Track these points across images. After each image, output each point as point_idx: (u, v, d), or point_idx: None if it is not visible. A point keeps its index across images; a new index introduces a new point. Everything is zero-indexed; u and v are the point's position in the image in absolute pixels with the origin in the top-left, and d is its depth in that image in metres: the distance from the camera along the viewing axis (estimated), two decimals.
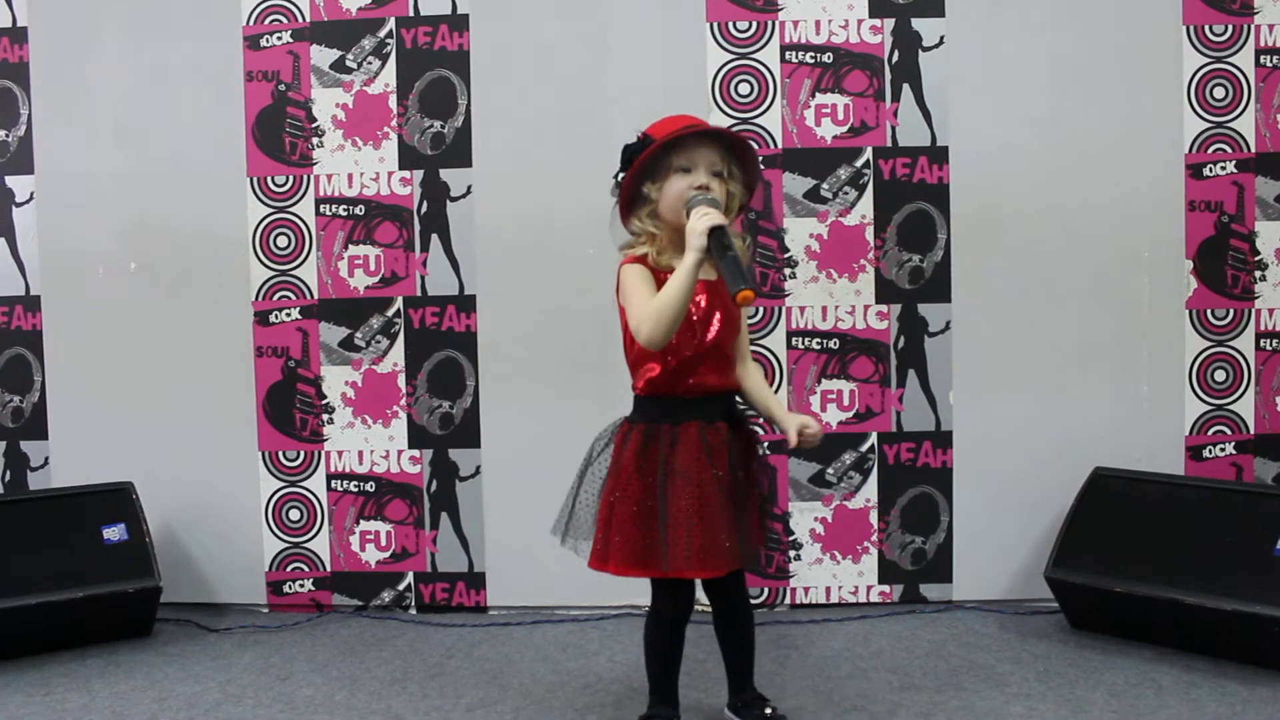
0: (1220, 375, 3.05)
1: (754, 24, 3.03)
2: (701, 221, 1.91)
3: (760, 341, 3.04)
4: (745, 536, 2.02)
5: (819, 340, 3.05)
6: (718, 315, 2.05)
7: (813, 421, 2.06)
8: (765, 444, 2.19)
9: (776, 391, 3.05)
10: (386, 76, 3.10)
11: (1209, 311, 3.04)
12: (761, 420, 2.21)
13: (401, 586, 3.14)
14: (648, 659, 2.15)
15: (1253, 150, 3.01)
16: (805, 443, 2.04)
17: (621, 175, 2.06)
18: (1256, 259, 3.03)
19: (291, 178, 3.12)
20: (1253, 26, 2.99)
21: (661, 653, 2.13)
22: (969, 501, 3.05)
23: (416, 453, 3.13)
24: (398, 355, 3.12)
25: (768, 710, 2.16)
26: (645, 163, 2.02)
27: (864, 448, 3.06)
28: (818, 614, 3.00)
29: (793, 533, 3.06)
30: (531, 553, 3.08)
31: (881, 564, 3.08)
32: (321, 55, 3.10)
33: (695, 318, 2.03)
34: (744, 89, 3.04)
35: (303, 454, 3.15)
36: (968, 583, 3.06)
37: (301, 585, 3.16)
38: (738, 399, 2.14)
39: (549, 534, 2.19)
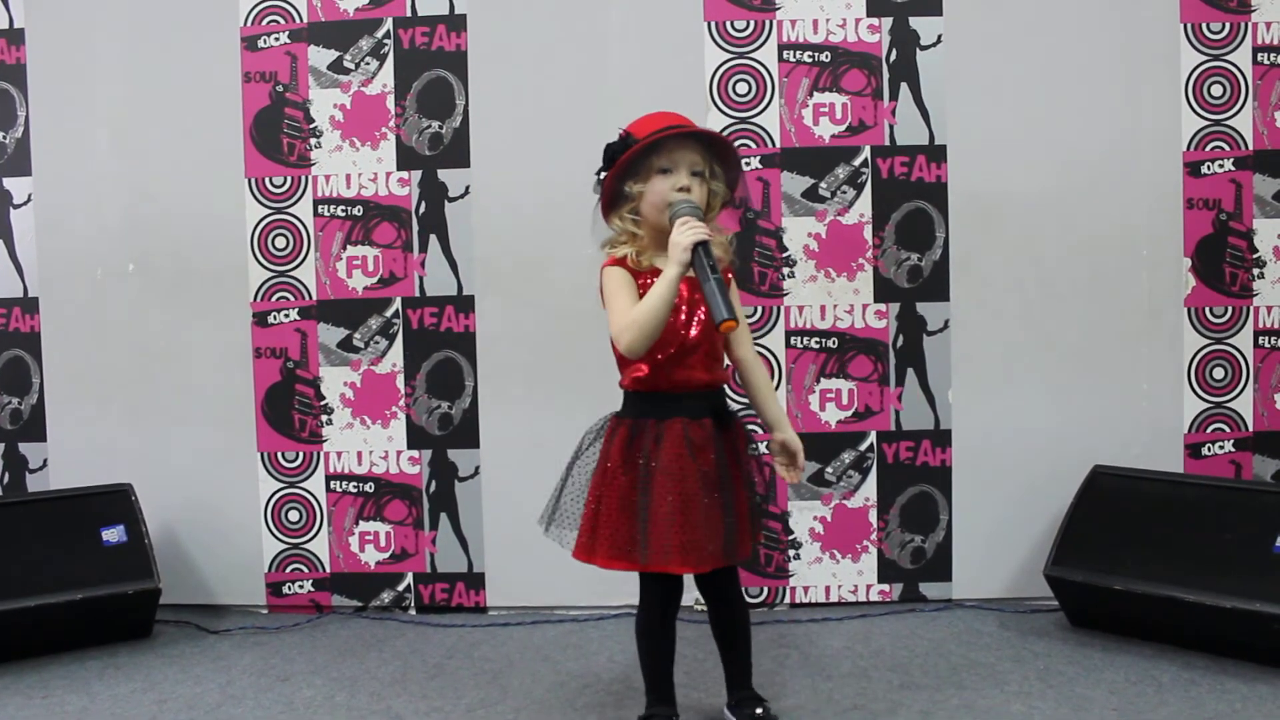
0: (1219, 373, 3.05)
1: (752, 23, 3.03)
2: (686, 236, 1.92)
3: (759, 341, 3.04)
4: (731, 533, 2.02)
5: (818, 339, 3.05)
6: (701, 313, 2.05)
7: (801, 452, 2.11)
8: (758, 443, 2.19)
9: (775, 391, 3.04)
10: (384, 77, 3.09)
11: (1207, 309, 3.04)
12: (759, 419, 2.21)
13: (401, 587, 3.14)
14: (640, 655, 2.16)
15: (1251, 148, 3.01)
16: (789, 467, 2.11)
17: (603, 174, 2.06)
18: (1255, 256, 3.04)
19: (289, 178, 3.12)
20: (1250, 24, 2.99)
21: (652, 648, 2.14)
22: (968, 500, 3.05)
23: (415, 453, 3.13)
24: (396, 356, 3.12)
25: (758, 710, 2.16)
26: (626, 162, 2.02)
27: (863, 447, 3.06)
28: (817, 613, 3.00)
29: (792, 532, 3.07)
30: (531, 553, 3.07)
31: (881, 563, 3.08)
32: (319, 56, 3.10)
33: (680, 316, 2.04)
34: (742, 88, 3.04)
35: (302, 455, 3.15)
36: (967, 581, 3.06)
37: (301, 586, 3.16)
38: (733, 395, 2.15)
39: (543, 531, 2.19)
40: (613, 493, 2.03)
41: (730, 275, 2.10)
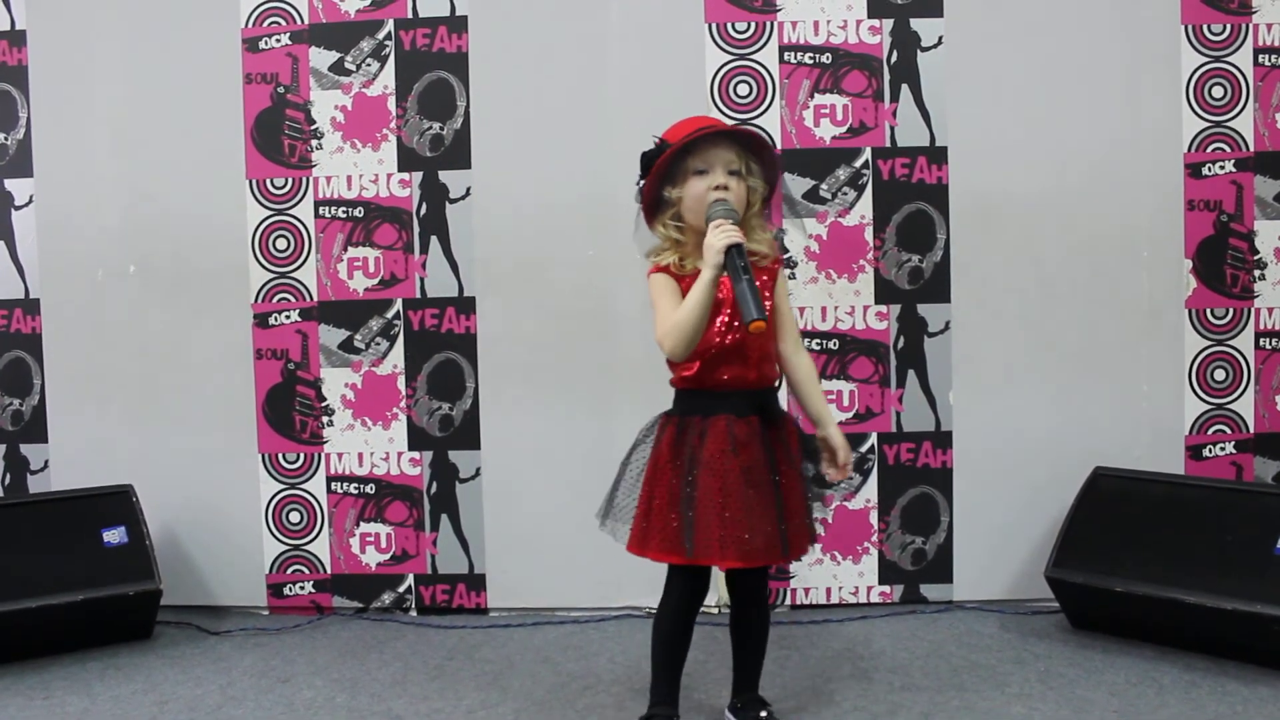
0: (1220, 374, 3.05)
1: (753, 25, 3.03)
2: (719, 239, 1.94)
3: None
4: (779, 531, 2.03)
5: (819, 341, 3.05)
6: (740, 318, 2.05)
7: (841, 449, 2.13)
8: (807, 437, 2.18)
9: (778, 389, 3.05)
10: (385, 78, 3.10)
11: (1208, 311, 3.04)
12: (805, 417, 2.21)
13: (402, 588, 3.14)
14: (654, 650, 2.16)
15: (1251, 149, 3.01)
16: (831, 464, 2.12)
17: (642, 182, 2.08)
18: (1256, 258, 3.03)
19: (290, 180, 3.12)
20: (1251, 26, 2.99)
21: (669, 642, 2.14)
22: (969, 501, 3.05)
23: (416, 455, 3.13)
24: (397, 357, 3.12)
25: (763, 714, 2.16)
26: (663, 168, 2.04)
27: (864, 448, 3.06)
28: (818, 614, 3.00)
29: None
30: (532, 554, 3.09)
31: (882, 564, 3.08)
32: (320, 57, 3.10)
33: (724, 317, 2.05)
34: (743, 90, 3.04)
35: (303, 456, 3.15)
36: (968, 583, 3.06)
37: (302, 587, 3.16)
38: (782, 392, 2.16)
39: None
40: (663, 488, 2.05)
41: (779, 265, 2.14)
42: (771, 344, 2.12)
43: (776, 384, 2.15)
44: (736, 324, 2.04)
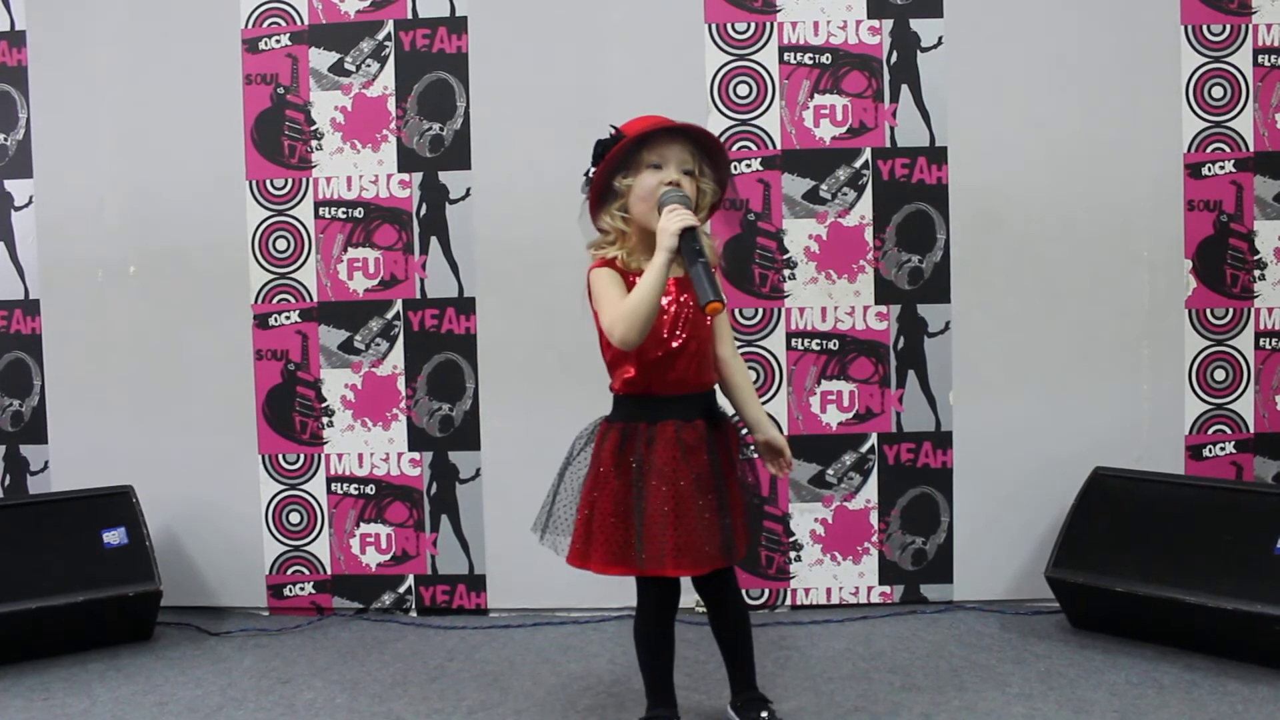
0: (1220, 374, 3.05)
1: (752, 25, 3.03)
2: (673, 221, 1.92)
3: (759, 343, 3.04)
4: (727, 534, 2.02)
5: (818, 341, 3.05)
6: (688, 313, 2.05)
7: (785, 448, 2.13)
8: (749, 445, 2.19)
9: (776, 392, 3.05)
10: (385, 79, 3.10)
11: (1208, 311, 3.04)
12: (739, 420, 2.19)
13: (402, 589, 3.14)
14: (640, 657, 2.16)
15: (1251, 149, 3.01)
16: (777, 464, 2.13)
17: (592, 170, 2.06)
18: (1255, 258, 3.04)
19: (290, 180, 3.12)
20: (1251, 26, 3.00)
21: (651, 650, 2.14)
22: (969, 502, 3.05)
23: (416, 455, 3.13)
24: (397, 358, 3.12)
25: (764, 714, 2.16)
26: (616, 157, 2.03)
27: (864, 448, 3.06)
28: (818, 615, 3.00)
29: (793, 534, 3.06)
30: (532, 555, 3.06)
31: (882, 565, 3.08)
32: (320, 58, 3.11)
33: (666, 316, 2.03)
34: (743, 90, 3.04)
35: (303, 457, 3.15)
36: (968, 583, 3.06)
37: (302, 588, 3.16)
38: (719, 395, 2.15)
39: (538, 539, 2.19)
40: (606, 497, 2.02)
41: (718, 272, 2.10)
42: (712, 346, 2.11)
43: (715, 386, 2.14)
44: (682, 325, 2.03)
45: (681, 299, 2.05)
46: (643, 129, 2.02)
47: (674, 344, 2.04)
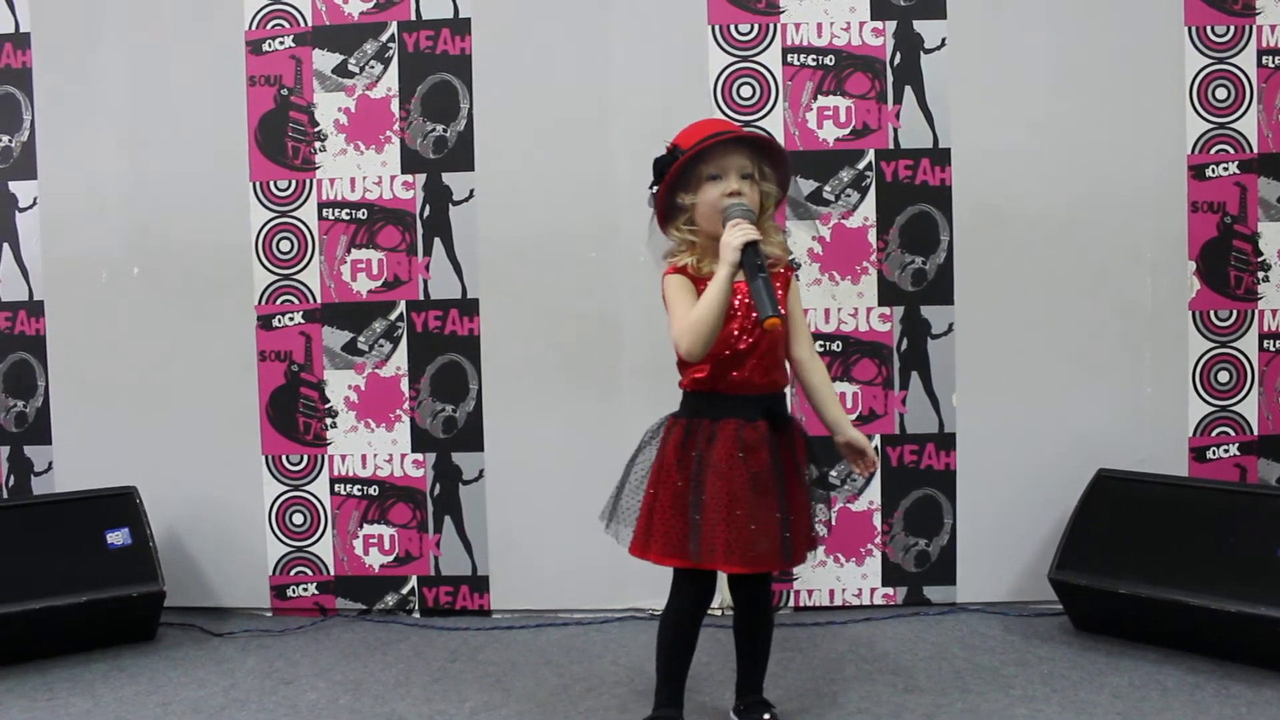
0: (1223, 376, 3.05)
1: (755, 27, 3.03)
2: (736, 237, 1.94)
3: None
4: (782, 536, 2.02)
5: (822, 343, 3.05)
6: (755, 317, 2.05)
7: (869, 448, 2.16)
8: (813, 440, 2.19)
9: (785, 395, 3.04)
10: (389, 80, 3.10)
11: (1212, 313, 3.04)
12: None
13: (405, 590, 3.14)
14: (659, 652, 2.15)
15: (1255, 151, 3.01)
16: (860, 463, 2.18)
17: (655, 188, 2.07)
18: (1259, 260, 3.03)
19: (294, 182, 3.13)
20: (1254, 27, 2.99)
21: (674, 645, 2.14)
22: (972, 503, 3.05)
23: (420, 456, 3.13)
24: (401, 359, 3.12)
25: (766, 717, 2.17)
26: (675, 174, 2.04)
27: None
28: (821, 616, 3.00)
29: None
30: (535, 556, 3.09)
31: (885, 566, 3.08)
32: (324, 59, 3.11)
33: (737, 316, 2.05)
34: (746, 92, 3.04)
35: (306, 458, 3.15)
36: (971, 585, 3.06)
37: (305, 589, 3.16)
38: (791, 397, 2.16)
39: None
40: (667, 490, 2.04)
41: (790, 271, 2.15)
42: (782, 349, 2.12)
43: (786, 389, 2.15)
44: (751, 327, 2.04)
45: (749, 302, 2.05)
46: (695, 144, 2.03)
47: (741, 345, 2.05)
